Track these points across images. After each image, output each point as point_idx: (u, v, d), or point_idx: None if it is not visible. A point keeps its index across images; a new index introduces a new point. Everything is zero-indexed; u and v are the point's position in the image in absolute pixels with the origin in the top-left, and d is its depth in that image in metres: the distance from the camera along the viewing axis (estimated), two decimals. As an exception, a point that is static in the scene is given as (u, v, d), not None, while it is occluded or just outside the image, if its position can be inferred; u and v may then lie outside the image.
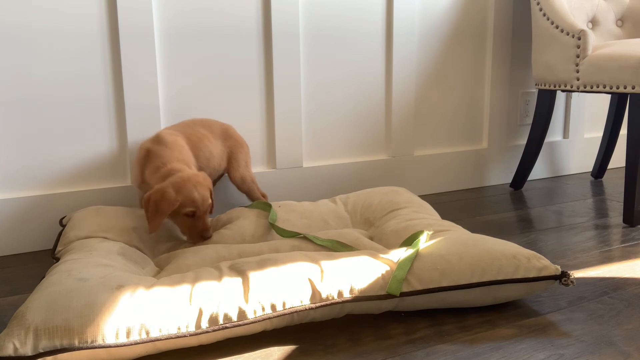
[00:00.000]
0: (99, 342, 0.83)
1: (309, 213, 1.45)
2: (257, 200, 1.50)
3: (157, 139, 1.34)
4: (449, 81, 2.01)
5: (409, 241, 1.17)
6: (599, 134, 2.39)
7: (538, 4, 1.86)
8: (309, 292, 0.94)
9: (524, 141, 2.19)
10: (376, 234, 1.35)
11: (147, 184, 1.32)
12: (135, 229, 1.29)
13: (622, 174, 2.32)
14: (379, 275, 0.99)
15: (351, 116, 1.85)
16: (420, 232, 1.16)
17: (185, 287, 0.92)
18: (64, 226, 1.34)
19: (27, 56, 1.39)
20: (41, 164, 1.44)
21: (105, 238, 1.23)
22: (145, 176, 1.32)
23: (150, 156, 1.31)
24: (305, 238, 1.23)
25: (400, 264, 1.01)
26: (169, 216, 1.26)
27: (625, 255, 1.35)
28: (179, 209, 1.23)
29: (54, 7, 1.40)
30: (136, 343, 0.84)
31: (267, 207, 1.42)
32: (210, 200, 1.29)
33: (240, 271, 0.97)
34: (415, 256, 1.04)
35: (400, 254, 1.05)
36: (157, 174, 1.27)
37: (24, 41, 1.38)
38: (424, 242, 1.10)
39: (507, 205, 1.86)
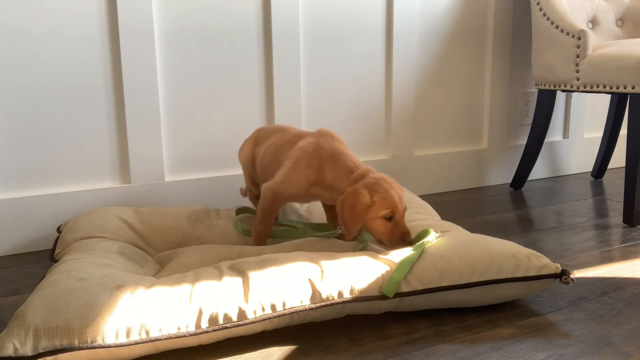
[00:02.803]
0: (99, 342, 0.83)
1: (309, 214, 1.45)
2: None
3: (333, 137, 1.24)
4: (449, 81, 2.01)
5: (415, 240, 1.15)
6: (599, 134, 2.39)
7: (538, 4, 1.86)
8: (309, 292, 0.94)
9: (524, 141, 2.18)
10: (376, 234, 1.35)
11: (324, 185, 1.21)
12: (130, 226, 1.29)
13: (622, 174, 2.32)
14: (379, 275, 0.99)
15: (351, 116, 1.85)
16: (427, 232, 1.14)
17: (185, 287, 0.92)
18: (60, 233, 1.34)
19: (27, 56, 1.39)
20: (41, 164, 1.44)
21: (103, 238, 1.22)
22: (325, 176, 1.20)
23: (333, 155, 1.20)
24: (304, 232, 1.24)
25: (400, 266, 1.01)
26: (365, 222, 1.14)
27: (625, 255, 1.35)
28: (375, 211, 1.12)
29: (54, 7, 1.40)
30: (136, 343, 0.84)
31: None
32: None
33: (240, 271, 0.97)
34: (418, 258, 1.03)
35: (401, 254, 1.05)
36: (348, 176, 1.17)
37: (24, 41, 1.38)
38: (431, 241, 1.10)
39: (507, 205, 1.86)
